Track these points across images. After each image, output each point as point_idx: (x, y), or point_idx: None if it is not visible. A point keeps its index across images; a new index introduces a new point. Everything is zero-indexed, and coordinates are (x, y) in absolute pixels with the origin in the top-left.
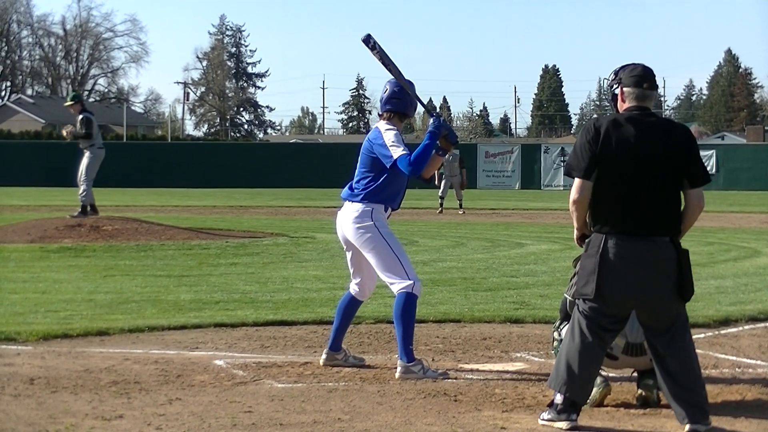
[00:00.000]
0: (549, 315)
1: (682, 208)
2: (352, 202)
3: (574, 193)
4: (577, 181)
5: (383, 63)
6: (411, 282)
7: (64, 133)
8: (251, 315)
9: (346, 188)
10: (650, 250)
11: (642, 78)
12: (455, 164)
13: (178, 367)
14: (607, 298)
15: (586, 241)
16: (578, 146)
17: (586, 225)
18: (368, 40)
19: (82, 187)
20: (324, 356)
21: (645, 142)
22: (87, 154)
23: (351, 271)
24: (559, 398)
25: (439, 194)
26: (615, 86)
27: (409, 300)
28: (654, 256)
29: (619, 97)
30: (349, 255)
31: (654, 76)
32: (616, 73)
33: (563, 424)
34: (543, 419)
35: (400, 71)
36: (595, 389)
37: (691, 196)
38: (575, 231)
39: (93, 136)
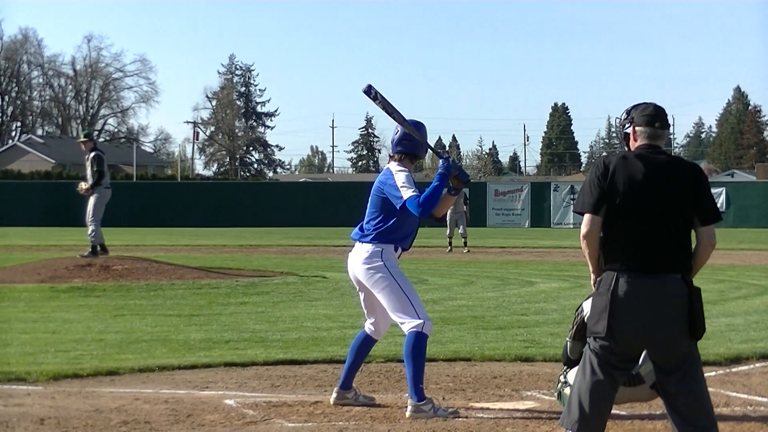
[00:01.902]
0: (559, 353)
1: (693, 245)
2: (362, 242)
3: (583, 228)
4: (586, 216)
5: (386, 111)
6: (421, 321)
7: (81, 191)
8: (261, 354)
9: (356, 229)
10: (661, 288)
11: (654, 117)
12: (460, 200)
13: (188, 406)
14: (618, 336)
15: (598, 279)
16: (588, 182)
17: (600, 267)
18: (369, 91)
19: (90, 228)
20: (334, 395)
21: (654, 179)
22: (94, 194)
23: (365, 311)
24: None
25: (447, 234)
26: (627, 125)
27: (419, 339)
28: (665, 293)
29: (631, 136)
30: (361, 295)
31: (665, 115)
32: (629, 112)
33: None
34: None
35: (404, 118)
36: None
37: (702, 233)
38: (591, 275)
39: (104, 174)
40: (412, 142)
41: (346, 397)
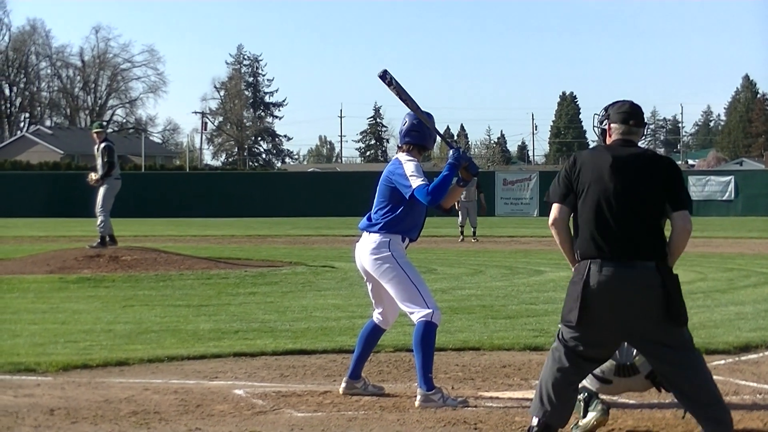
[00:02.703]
0: None
1: (663, 228)
2: (370, 232)
3: (550, 216)
4: (553, 206)
5: (400, 98)
6: (430, 311)
7: (92, 182)
8: (270, 344)
9: (364, 219)
10: (633, 277)
11: (629, 115)
12: (472, 189)
13: (197, 396)
14: (589, 325)
15: (573, 268)
16: (558, 175)
17: (576, 256)
18: (384, 76)
19: (99, 218)
20: (344, 384)
21: (622, 169)
22: (103, 185)
23: (372, 301)
24: (534, 421)
25: (459, 223)
26: (605, 122)
27: (428, 329)
28: (637, 282)
29: (607, 132)
30: (369, 286)
31: (641, 113)
32: (606, 109)
33: None
34: None
35: (417, 105)
36: (592, 413)
37: (675, 218)
38: (570, 264)
39: (114, 165)
40: (421, 132)
41: (355, 386)
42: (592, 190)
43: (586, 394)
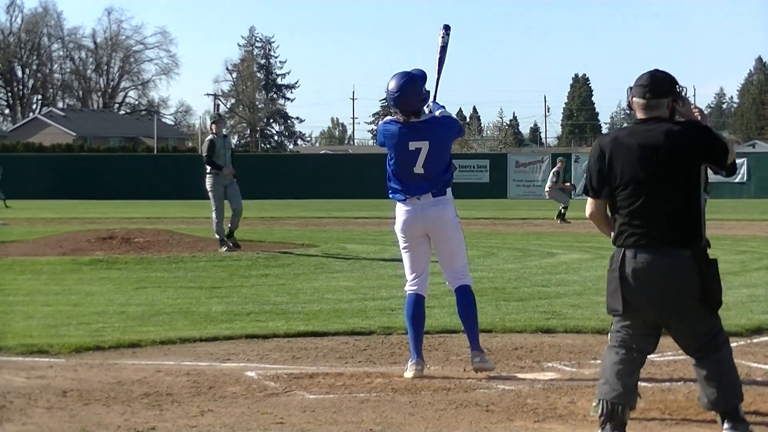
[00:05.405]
0: (581, 324)
1: (702, 214)
2: (439, 194)
3: (587, 210)
4: (588, 199)
5: (440, 58)
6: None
7: (226, 171)
8: (282, 326)
9: (413, 186)
10: (666, 265)
11: (644, 88)
12: (560, 179)
13: (209, 378)
14: (633, 311)
15: (611, 256)
16: (588, 167)
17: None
18: (447, 31)
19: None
20: (418, 367)
21: (646, 153)
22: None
23: (411, 268)
24: (602, 404)
25: (563, 205)
26: (630, 98)
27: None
28: (670, 270)
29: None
30: (412, 252)
31: (660, 82)
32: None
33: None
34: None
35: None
36: None
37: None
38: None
39: (208, 159)
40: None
41: (425, 366)
42: (621, 181)
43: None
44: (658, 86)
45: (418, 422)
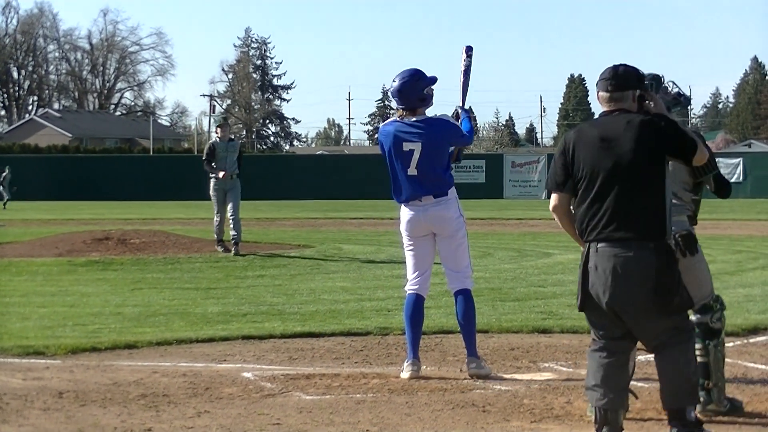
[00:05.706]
0: (577, 325)
1: (668, 209)
2: (441, 194)
3: (550, 203)
4: (553, 194)
5: (464, 77)
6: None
7: (221, 175)
8: (279, 327)
9: (416, 187)
10: (625, 257)
11: (607, 81)
12: None
13: (206, 379)
14: (592, 308)
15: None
16: (554, 159)
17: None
18: (470, 53)
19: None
20: (414, 368)
21: (608, 144)
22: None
23: (413, 267)
24: (593, 411)
25: None
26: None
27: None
28: (628, 263)
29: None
30: (415, 252)
31: (623, 75)
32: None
33: None
34: None
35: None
36: None
37: (694, 162)
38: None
39: (207, 162)
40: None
41: (420, 366)
42: (584, 172)
43: None
44: (621, 79)
45: (415, 423)
